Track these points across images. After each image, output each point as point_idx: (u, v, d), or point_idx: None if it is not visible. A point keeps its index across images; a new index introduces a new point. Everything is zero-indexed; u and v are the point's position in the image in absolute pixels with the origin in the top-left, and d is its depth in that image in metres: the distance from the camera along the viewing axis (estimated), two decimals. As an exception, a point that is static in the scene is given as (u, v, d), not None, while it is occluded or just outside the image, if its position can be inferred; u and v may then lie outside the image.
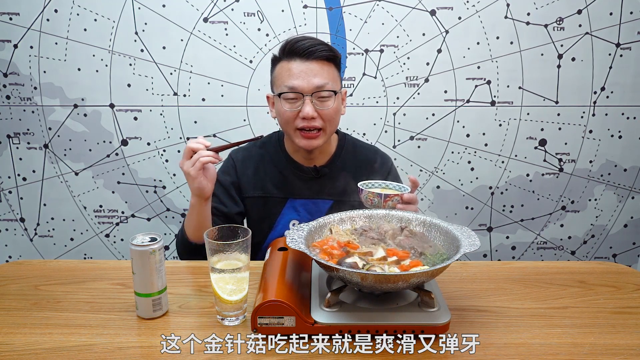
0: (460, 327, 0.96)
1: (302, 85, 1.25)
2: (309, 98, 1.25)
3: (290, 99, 1.26)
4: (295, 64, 1.25)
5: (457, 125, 2.04)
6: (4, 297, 1.07)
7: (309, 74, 1.24)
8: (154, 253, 0.97)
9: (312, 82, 1.25)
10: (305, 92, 1.25)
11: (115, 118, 2.00)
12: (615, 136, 2.06)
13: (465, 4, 1.92)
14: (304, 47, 1.24)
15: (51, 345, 0.90)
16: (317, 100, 1.26)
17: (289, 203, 1.38)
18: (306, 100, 1.25)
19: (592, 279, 1.16)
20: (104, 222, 2.12)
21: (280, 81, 1.28)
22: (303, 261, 1.09)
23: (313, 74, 1.25)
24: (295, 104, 1.26)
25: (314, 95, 1.25)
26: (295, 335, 0.90)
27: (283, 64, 1.28)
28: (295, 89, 1.25)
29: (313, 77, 1.24)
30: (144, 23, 1.91)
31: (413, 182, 1.21)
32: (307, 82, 1.24)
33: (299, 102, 1.26)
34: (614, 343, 0.92)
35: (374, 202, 1.18)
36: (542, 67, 1.98)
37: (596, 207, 2.14)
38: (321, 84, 1.25)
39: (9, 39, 1.93)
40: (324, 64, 1.26)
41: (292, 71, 1.25)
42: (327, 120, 1.28)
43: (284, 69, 1.27)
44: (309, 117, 1.25)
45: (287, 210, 1.38)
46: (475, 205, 2.13)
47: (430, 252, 1.00)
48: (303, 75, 1.24)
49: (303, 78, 1.24)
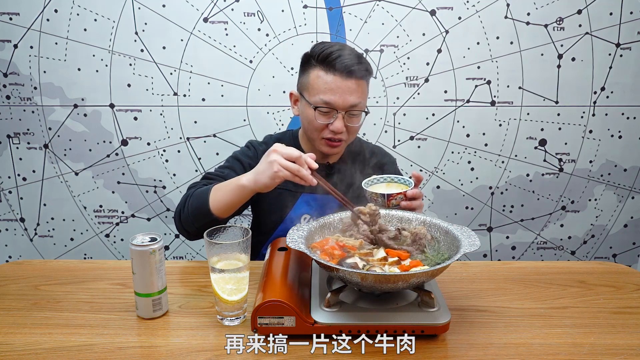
0: (460, 327, 0.96)
1: (338, 102, 1.27)
2: (342, 114, 1.28)
3: (324, 112, 1.29)
4: (333, 77, 1.26)
5: (457, 125, 2.04)
6: (4, 297, 1.07)
7: (346, 91, 1.26)
8: (154, 253, 0.97)
9: (347, 100, 1.27)
10: (340, 109, 1.28)
11: (115, 118, 2.00)
12: (615, 136, 2.06)
13: (465, 4, 1.92)
14: (345, 64, 1.25)
15: (51, 345, 0.90)
16: (347, 116, 1.30)
17: (302, 197, 1.40)
18: (339, 116, 1.28)
19: (592, 279, 1.16)
20: (104, 222, 2.12)
21: (316, 91, 1.28)
22: (303, 261, 1.09)
23: (350, 92, 1.27)
24: (327, 117, 1.29)
25: (346, 112, 1.29)
26: (295, 335, 0.91)
27: (319, 73, 1.28)
28: (331, 105, 1.27)
29: (349, 95, 1.27)
30: (144, 23, 1.91)
31: (416, 178, 1.22)
32: (343, 100, 1.27)
33: (331, 115, 1.29)
34: (614, 343, 0.92)
35: (377, 202, 1.17)
36: (542, 67, 1.98)
37: (596, 207, 2.14)
38: (356, 103, 1.28)
39: (9, 39, 1.92)
40: (361, 82, 1.29)
41: (329, 85, 1.26)
42: (351, 133, 1.34)
43: (321, 80, 1.27)
44: (339, 132, 1.29)
45: (300, 204, 1.40)
46: (475, 205, 2.13)
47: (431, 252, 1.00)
48: (340, 92, 1.26)
49: (340, 95, 1.26)
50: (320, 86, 1.27)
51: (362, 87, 1.29)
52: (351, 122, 1.31)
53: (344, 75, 1.25)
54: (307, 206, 1.39)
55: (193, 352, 0.88)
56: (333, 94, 1.26)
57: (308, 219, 1.37)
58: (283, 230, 1.38)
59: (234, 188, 1.16)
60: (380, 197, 1.17)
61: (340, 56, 1.25)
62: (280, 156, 1.08)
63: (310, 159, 1.09)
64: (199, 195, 1.21)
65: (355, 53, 1.29)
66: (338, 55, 1.25)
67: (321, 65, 1.27)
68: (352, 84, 1.26)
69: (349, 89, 1.26)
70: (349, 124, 1.30)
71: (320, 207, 1.38)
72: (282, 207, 1.39)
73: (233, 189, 1.16)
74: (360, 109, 1.30)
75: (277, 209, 1.39)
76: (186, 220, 1.24)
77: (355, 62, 1.26)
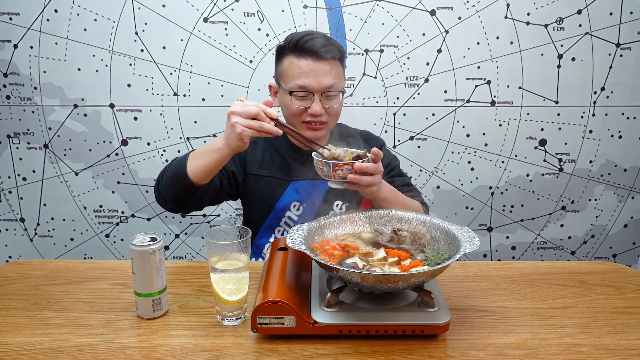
0: (460, 327, 0.96)
1: (312, 85, 1.28)
2: (318, 96, 1.29)
3: (300, 96, 1.30)
4: (305, 62, 1.28)
5: (457, 125, 2.04)
6: (4, 297, 1.07)
7: (320, 73, 1.28)
8: (154, 253, 0.97)
9: (322, 82, 1.28)
10: (315, 91, 1.29)
11: (115, 118, 2.00)
12: (615, 136, 2.06)
13: (465, 4, 1.92)
14: (316, 46, 1.27)
15: (51, 345, 0.90)
16: (324, 98, 1.30)
17: (292, 185, 1.40)
18: (315, 98, 1.29)
19: (592, 279, 1.16)
20: (104, 222, 2.12)
21: (290, 77, 1.30)
22: (303, 261, 1.09)
23: (323, 74, 1.28)
24: (305, 101, 1.30)
25: (322, 94, 1.29)
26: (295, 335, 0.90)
27: (292, 60, 1.29)
28: (306, 88, 1.28)
29: (323, 77, 1.28)
30: (144, 23, 1.91)
31: (374, 153, 1.15)
32: (318, 82, 1.28)
33: (308, 99, 1.30)
34: (614, 343, 0.92)
35: (324, 172, 1.12)
36: (542, 67, 1.98)
37: (596, 207, 2.14)
38: (330, 84, 1.29)
39: (9, 39, 1.93)
40: (334, 63, 1.29)
41: (302, 69, 1.27)
42: (332, 115, 1.34)
43: (293, 66, 1.29)
44: (318, 115, 1.30)
45: (289, 192, 1.40)
46: (475, 205, 2.13)
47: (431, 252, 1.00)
48: (314, 74, 1.27)
49: (314, 78, 1.27)
50: (294, 71, 1.28)
51: (336, 67, 1.30)
52: (330, 103, 1.31)
53: (316, 58, 1.27)
54: (297, 193, 1.40)
55: (193, 352, 0.88)
56: (307, 77, 1.27)
57: (298, 206, 1.38)
58: (274, 218, 1.40)
59: (212, 152, 1.16)
60: (326, 166, 1.11)
61: (311, 39, 1.27)
62: (240, 117, 1.09)
63: (270, 109, 1.11)
64: (177, 162, 1.23)
65: (326, 36, 1.31)
66: (308, 39, 1.27)
67: (293, 52, 1.29)
68: (325, 65, 1.28)
69: (322, 71, 1.27)
70: (327, 106, 1.31)
71: (310, 194, 1.39)
72: (272, 195, 1.40)
73: (210, 153, 1.17)
74: (337, 89, 1.31)
75: (267, 197, 1.40)
76: (164, 187, 1.24)
77: (326, 43, 1.28)
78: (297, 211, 1.39)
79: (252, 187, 1.41)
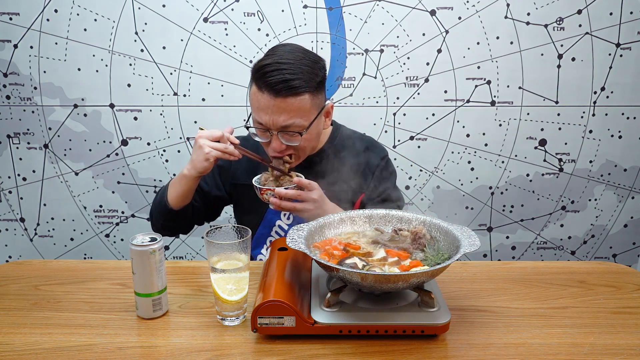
0: (460, 327, 0.96)
1: (268, 123, 1.19)
2: (276, 135, 1.20)
3: (261, 130, 1.23)
4: (263, 97, 1.17)
5: (457, 125, 2.04)
6: (4, 297, 1.07)
7: (275, 111, 1.17)
8: (154, 253, 0.97)
9: (277, 121, 1.18)
10: (272, 129, 1.20)
11: (115, 118, 2.00)
12: (615, 136, 2.06)
13: (465, 4, 1.92)
14: (272, 82, 1.14)
15: (51, 345, 0.90)
16: (284, 135, 1.21)
17: None
18: (273, 136, 1.20)
19: (592, 279, 1.16)
20: (104, 222, 2.12)
21: (252, 108, 1.23)
22: (303, 261, 1.09)
23: (279, 112, 1.17)
24: (265, 135, 1.23)
25: (280, 133, 1.20)
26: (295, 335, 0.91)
27: (254, 89, 1.19)
28: (263, 125, 1.21)
29: (279, 115, 1.17)
30: (144, 23, 1.91)
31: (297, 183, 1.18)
32: (273, 120, 1.18)
33: (269, 133, 1.22)
34: (614, 343, 0.92)
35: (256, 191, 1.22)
36: (542, 67, 1.98)
37: (596, 207, 2.14)
38: (287, 125, 1.18)
39: (9, 39, 1.93)
40: (294, 99, 1.16)
41: (260, 104, 1.18)
42: (300, 150, 1.25)
43: (254, 96, 1.20)
44: (278, 151, 1.23)
45: None
46: (475, 205, 2.13)
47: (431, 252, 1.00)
48: (270, 112, 1.17)
49: (270, 116, 1.18)
50: (254, 104, 1.20)
51: (296, 103, 1.16)
52: (290, 141, 1.21)
53: (274, 94, 1.15)
54: None
55: (193, 352, 0.88)
56: (265, 114, 1.18)
57: (287, 215, 1.38)
58: (265, 227, 1.39)
59: (181, 179, 1.25)
60: (255, 189, 1.21)
61: (273, 72, 1.15)
62: (206, 139, 1.18)
63: (232, 136, 1.21)
64: (160, 192, 1.34)
65: (294, 67, 1.16)
66: (270, 70, 1.15)
67: (255, 80, 1.19)
68: (281, 102, 1.16)
69: (278, 109, 1.16)
70: (287, 144, 1.21)
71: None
72: (261, 203, 1.34)
73: (180, 179, 1.25)
74: (296, 129, 1.19)
75: (257, 207, 1.37)
76: (156, 217, 1.35)
77: (289, 78, 1.14)
78: (287, 220, 1.38)
79: (240, 196, 1.40)
